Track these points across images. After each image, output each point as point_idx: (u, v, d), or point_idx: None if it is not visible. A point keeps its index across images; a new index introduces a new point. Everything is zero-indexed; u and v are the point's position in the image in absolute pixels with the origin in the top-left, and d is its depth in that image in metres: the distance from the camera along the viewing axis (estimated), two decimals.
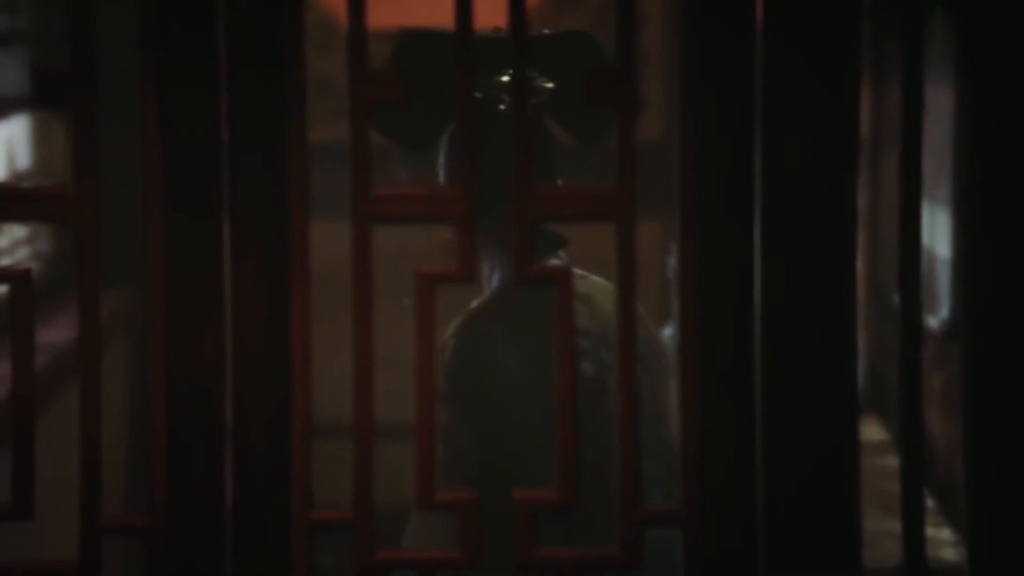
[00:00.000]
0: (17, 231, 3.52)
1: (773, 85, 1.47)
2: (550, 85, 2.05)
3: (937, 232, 3.32)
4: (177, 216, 1.47)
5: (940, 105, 2.40)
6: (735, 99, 1.48)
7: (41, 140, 3.71)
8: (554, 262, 2.10)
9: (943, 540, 3.01)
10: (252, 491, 1.48)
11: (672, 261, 4.14)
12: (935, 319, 3.32)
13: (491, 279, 2.17)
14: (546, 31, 2.09)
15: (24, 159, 3.67)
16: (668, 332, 4.19)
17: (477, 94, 2.09)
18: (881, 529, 2.03)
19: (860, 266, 1.57)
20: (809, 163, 1.48)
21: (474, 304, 2.18)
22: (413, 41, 2.05)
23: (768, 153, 1.48)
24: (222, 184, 1.48)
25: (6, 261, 3.36)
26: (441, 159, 2.16)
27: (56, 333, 2.79)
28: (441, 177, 2.16)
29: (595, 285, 2.15)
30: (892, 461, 1.63)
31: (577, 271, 2.09)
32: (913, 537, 1.51)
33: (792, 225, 1.48)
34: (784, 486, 1.48)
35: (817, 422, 1.48)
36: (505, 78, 2.02)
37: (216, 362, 1.48)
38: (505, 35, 1.44)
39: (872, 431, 3.50)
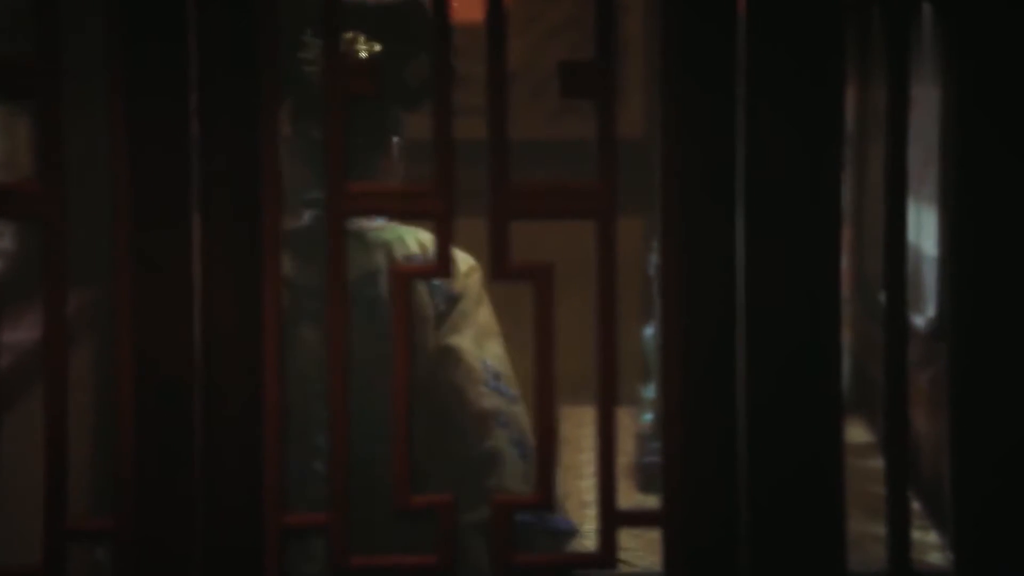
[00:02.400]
0: None
1: (756, 76, 1.48)
2: (378, 48, 2.26)
3: (923, 229, 3.33)
4: (147, 211, 1.47)
5: (927, 101, 2.41)
6: (717, 90, 1.48)
7: (4, 135, 3.70)
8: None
9: (929, 543, 3.02)
10: (224, 491, 1.48)
11: (654, 259, 4.14)
12: (921, 318, 3.33)
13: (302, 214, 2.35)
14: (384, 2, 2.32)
15: None
16: (650, 332, 4.19)
17: (312, 68, 2.20)
18: (866, 532, 2.04)
19: (845, 263, 1.58)
20: (793, 155, 1.48)
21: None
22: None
23: (751, 146, 1.48)
24: (192, 179, 1.48)
25: None
26: (288, 132, 2.33)
27: (23, 333, 2.78)
28: (289, 150, 2.30)
29: (397, 231, 2.30)
30: (877, 463, 1.64)
31: (377, 223, 2.29)
32: (898, 540, 1.51)
33: (776, 221, 1.48)
34: (767, 487, 1.48)
35: (801, 422, 1.49)
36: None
37: (186, 361, 1.47)
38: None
39: (857, 432, 3.52)
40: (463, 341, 2.27)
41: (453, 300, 2.29)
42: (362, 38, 2.26)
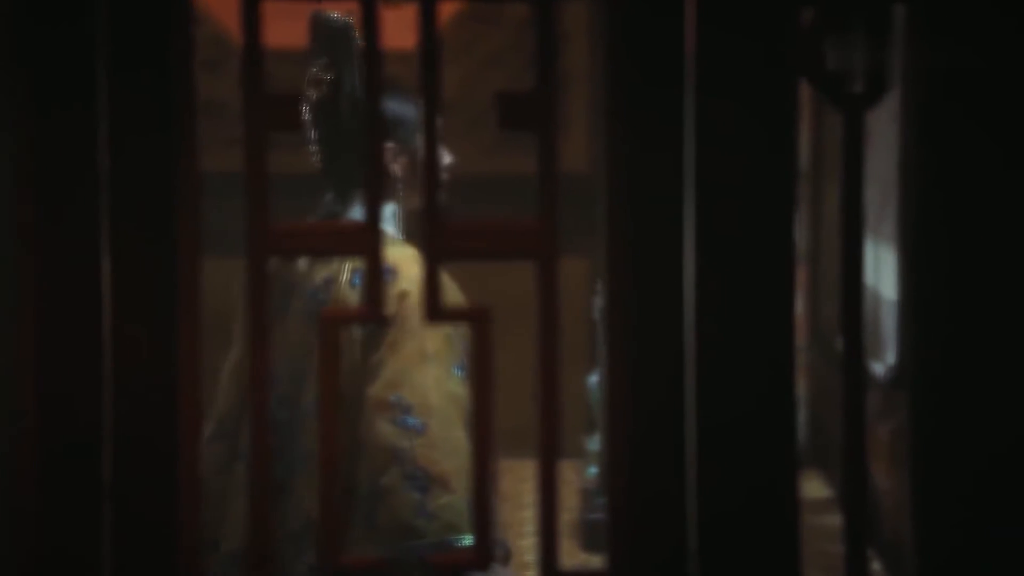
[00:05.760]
0: None
1: (705, 80, 1.47)
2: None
3: (883, 271, 3.35)
4: (51, 252, 1.46)
5: (884, 135, 2.43)
6: (664, 85, 1.47)
7: None
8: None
9: None
10: (135, 557, 1.46)
11: (599, 302, 4.15)
12: (881, 365, 3.35)
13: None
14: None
15: None
16: (595, 380, 4.18)
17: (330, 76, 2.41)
18: None
19: (801, 309, 1.58)
20: (747, 173, 1.48)
21: None
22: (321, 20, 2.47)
23: (701, 146, 1.47)
24: (101, 216, 1.46)
25: None
26: (312, 135, 2.46)
27: None
28: (316, 152, 2.47)
29: (403, 254, 2.38)
30: (835, 519, 1.64)
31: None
32: None
33: (728, 245, 1.48)
34: (719, 546, 1.48)
35: (754, 476, 1.49)
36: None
37: (94, 415, 1.46)
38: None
39: (814, 487, 3.53)
40: (383, 371, 2.35)
41: (384, 323, 2.35)
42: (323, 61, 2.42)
